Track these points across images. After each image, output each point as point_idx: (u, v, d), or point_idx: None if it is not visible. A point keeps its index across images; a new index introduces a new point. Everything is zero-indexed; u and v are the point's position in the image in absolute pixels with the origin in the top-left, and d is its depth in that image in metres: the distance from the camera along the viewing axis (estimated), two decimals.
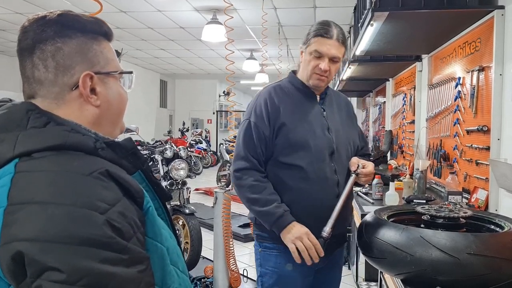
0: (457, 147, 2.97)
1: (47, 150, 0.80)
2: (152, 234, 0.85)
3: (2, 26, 7.19)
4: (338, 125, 1.96)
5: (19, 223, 0.71)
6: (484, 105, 2.53)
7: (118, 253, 0.73)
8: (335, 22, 1.92)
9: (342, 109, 2.04)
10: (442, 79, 3.38)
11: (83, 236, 0.71)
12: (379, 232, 1.46)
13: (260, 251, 1.93)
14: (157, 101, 13.78)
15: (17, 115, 0.84)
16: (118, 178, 0.81)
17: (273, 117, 1.84)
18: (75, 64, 0.88)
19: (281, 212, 1.78)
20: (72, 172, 0.77)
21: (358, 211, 2.86)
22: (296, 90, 1.93)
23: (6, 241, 0.71)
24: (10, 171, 0.77)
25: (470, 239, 1.31)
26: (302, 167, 1.82)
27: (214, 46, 8.49)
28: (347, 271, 4.44)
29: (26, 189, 0.75)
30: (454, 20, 2.65)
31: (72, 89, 0.88)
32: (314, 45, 1.85)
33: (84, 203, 0.73)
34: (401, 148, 5.10)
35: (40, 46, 0.86)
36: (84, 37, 0.90)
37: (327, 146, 1.87)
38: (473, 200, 2.52)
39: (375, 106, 7.45)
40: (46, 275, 0.68)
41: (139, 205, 0.84)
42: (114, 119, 0.97)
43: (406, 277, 1.39)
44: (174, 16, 6.42)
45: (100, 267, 0.70)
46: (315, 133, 1.86)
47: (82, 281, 0.69)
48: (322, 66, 1.84)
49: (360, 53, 3.57)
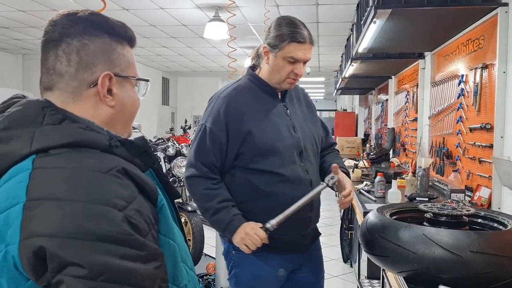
0: (460, 145, 2.97)
1: (63, 147, 0.81)
2: (165, 231, 0.87)
3: (6, 24, 7.20)
4: (302, 121, 1.91)
5: (38, 219, 0.72)
6: (487, 103, 2.52)
7: (136, 250, 0.75)
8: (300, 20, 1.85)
9: (302, 102, 1.99)
10: (445, 76, 3.37)
11: (103, 233, 0.72)
12: (382, 229, 1.46)
13: (234, 253, 1.88)
14: (159, 99, 13.78)
15: (32, 112, 0.85)
16: (134, 176, 0.83)
17: (234, 124, 1.77)
18: (97, 63, 0.90)
19: (230, 218, 1.77)
20: (90, 170, 0.79)
21: (360, 209, 2.86)
22: (257, 89, 1.87)
23: (27, 236, 0.72)
24: (28, 167, 0.79)
25: (473, 237, 1.30)
26: (275, 172, 1.78)
27: (216, 44, 8.48)
28: (349, 269, 4.44)
29: (45, 185, 0.76)
30: (457, 17, 2.64)
31: (90, 86, 0.90)
32: (289, 51, 1.77)
33: (102, 201, 0.75)
34: (403, 146, 5.10)
35: (67, 40, 0.88)
36: (110, 39, 0.92)
37: (295, 146, 1.83)
38: (476, 198, 2.52)
39: (377, 104, 7.44)
40: (67, 270, 0.70)
41: (153, 202, 0.85)
42: (125, 122, 0.99)
43: (408, 274, 1.39)
44: (176, 14, 6.41)
45: (119, 263, 0.72)
46: (282, 135, 1.81)
47: (102, 277, 0.70)
48: (299, 72, 1.81)
49: (363, 51, 3.56)
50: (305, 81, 13.65)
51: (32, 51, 9.53)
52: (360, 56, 4.09)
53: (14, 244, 0.72)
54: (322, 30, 6.96)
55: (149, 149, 0.94)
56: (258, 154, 1.78)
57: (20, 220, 0.73)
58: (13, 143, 0.82)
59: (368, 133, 8.78)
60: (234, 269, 1.90)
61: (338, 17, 6.13)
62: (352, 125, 10.54)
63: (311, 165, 1.89)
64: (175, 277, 0.88)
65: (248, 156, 1.79)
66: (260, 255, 1.82)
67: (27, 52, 9.79)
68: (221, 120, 1.78)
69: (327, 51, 8.69)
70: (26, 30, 7.56)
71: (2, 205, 0.77)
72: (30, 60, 10.13)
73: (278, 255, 1.86)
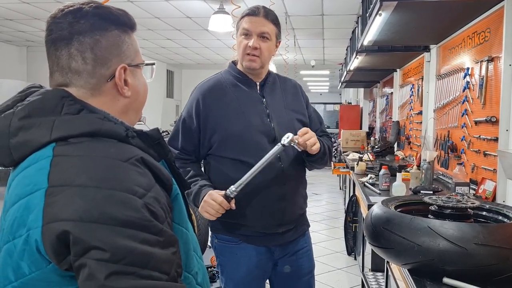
0: (465, 138, 2.96)
1: (83, 136, 0.84)
2: (179, 220, 0.91)
3: (10, 16, 7.20)
4: (280, 110, 1.92)
5: (62, 204, 0.75)
6: (492, 96, 2.52)
7: (155, 235, 0.77)
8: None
9: (288, 93, 2.00)
10: (450, 69, 3.36)
11: (124, 218, 0.75)
12: (386, 222, 1.46)
13: (216, 242, 1.94)
14: (163, 91, 13.78)
15: (52, 101, 0.87)
16: (151, 166, 0.86)
17: (204, 115, 1.86)
18: (112, 57, 0.92)
19: (196, 189, 1.82)
20: (110, 158, 0.82)
21: (365, 201, 2.86)
22: (234, 80, 1.92)
23: (50, 220, 0.74)
24: (48, 154, 0.81)
25: (478, 230, 1.31)
26: (243, 160, 1.81)
27: (220, 36, 8.46)
28: (354, 262, 4.46)
29: (66, 172, 0.79)
30: (463, 10, 2.63)
31: (108, 80, 0.92)
32: (241, 26, 1.87)
33: (123, 188, 0.77)
34: (408, 139, 5.09)
35: (79, 38, 0.89)
36: (117, 30, 0.94)
37: (266, 134, 1.85)
38: (481, 191, 2.52)
39: (382, 97, 7.42)
40: (90, 254, 0.72)
41: (168, 191, 0.88)
42: (138, 109, 1.02)
43: (413, 267, 1.39)
44: (181, 6, 6.40)
45: (140, 247, 0.74)
46: (252, 123, 1.84)
47: (124, 260, 0.72)
48: (251, 43, 1.83)
49: (368, 43, 3.55)
50: (310, 74, 13.62)
51: (37, 43, 9.54)
52: (365, 49, 4.08)
53: (36, 228, 0.75)
54: (327, 23, 6.93)
55: (163, 141, 0.96)
56: (226, 142, 1.84)
57: (43, 205, 0.76)
58: (33, 131, 0.84)
59: (373, 126, 8.77)
60: (218, 257, 1.96)
61: (343, 9, 6.09)
62: (356, 118, 10.52)
63: (286, 154, 1.85)
64: (187, 265, 0.91)
65: (218, 144, 1.86)
66: (239, 246, 1.88)
67: (32, 44, 9.80)
68: (193, 111, 1.88)
69: (332, 44, 8.65)
70: (31, 22, 7.57)
71: (22, 191, 0.79)
72: (35, 52, 10.14)
73: (257, 246, 1.88)
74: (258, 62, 1.87)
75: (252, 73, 1.92)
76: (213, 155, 1.89)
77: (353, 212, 4.40)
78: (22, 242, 0.76)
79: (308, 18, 6.64)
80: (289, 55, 9.06)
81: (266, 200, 1.82)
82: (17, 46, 10.12)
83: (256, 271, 1.91)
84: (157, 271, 0.75)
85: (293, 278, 2.00)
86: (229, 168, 1.84)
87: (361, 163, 4.16)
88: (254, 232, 1.86)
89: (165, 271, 0.77)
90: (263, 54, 1.86)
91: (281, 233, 1.90)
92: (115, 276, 0.72)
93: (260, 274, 1.94)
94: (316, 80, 15.96)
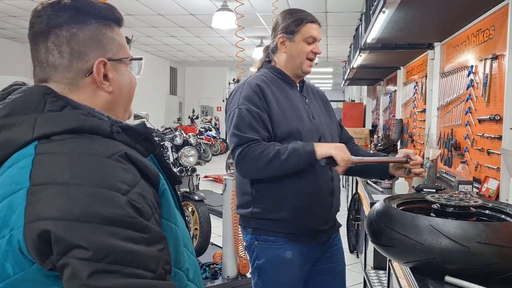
0: (468, 136, 2.95)
1: (65, 133, 0.82)
2: (167, 216, 0.89)
3: (13, 12, 7.22)
4: (319, 113, 1.98)
5: (44, 203, 0.73)
6: (496, 94, 2.50)
7: (139, 232, 0.76)
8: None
9: (317, 97, 2.07)
10: (454, 67, 3.34)
11: (107, 216, 0.73)
12: (389, 220, 1.46)
13: (256, 244, 1.88)
14: (167, 88, 13.79)
15: (34, 98, 0.85)
16: (136, 161, 0.84)
17: (267, 107, 1.80)
18: (90, 51, 0.89)
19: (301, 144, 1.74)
20: (93, 155, 0.80)
21: (367, 199, 2.86)
22: (278, 79, 1.93)
23: (31, 220, 0.73)
24: (30, 153, 0.80)
25: (480, 228, 1.30)
26: None
27: (224, 33, 8.46)
28: (356, 259, 4.45)
29: (48, 170, 0.77)
30: (468, 7, 2.61)
31: (86, 75, 0.90)
32: (307, 32, 1.89)
33: (106, 185, 0.76)
34: (411, 137, 5.08)
35: (56, 31, 0.87)
36: (98, 24, 0.91)
37: (315, 132, 1.88)
38: (484, 190, 2.51)
39: (385, 95, 7.40)
40: (73, 253, 0.71)
41: (155, 187, 0.86)
42: (125, 105, 0.99)
43: (415, 265, 1.39)
44: (185, 3, 6.39)
45: (124, 245, 0.73)
46: (304, 120, 1.86)
47: (107, 259, 0.71)
48: (318, 50, 1.91)
49: (371, 41, 3.54)
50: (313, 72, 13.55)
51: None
52: (369, 46, 4.07)
53: (18, 228, 0.73)
54: (330, 20, 6.92)
55: (150, 135, 0.94)
56: (283, 137, 1.81)
57: (24, 204, 0.74)
58: (15, 129, 0.82)
59: (376, 124, 8.75)
60: (256, 261, 1.90)
61: (347, 7, 6.08)
62: (360, 116, 10.50)
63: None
64: (177, 261, 0.89)
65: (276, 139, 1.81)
66: (282, 245, 1.84)
67: None
68: (257, 100, 1.80)
69: (335, 41, 8.64)
70: None
71: (5, 191, 0.78)
72: None
73: (300, 245, 1.86)
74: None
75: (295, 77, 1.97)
76: None
77: (355, 210, 4.40)
78: (6, 243, 0.75)
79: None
80: None
81: (318, 196, 1.83)
82: (20, 43, 10.15)
83: (298, 272, 1.90)
84: (142, 269, 0.74)
85: (328, 275, 2.00)
86: None
87: None
88: (301, 229, 1.85)
89: (151, 268, 0.76)
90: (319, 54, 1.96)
91: (325, 230, 1.91)
92: (97, 275, 0.70)
93: (301, 275, 1.92)
94: (319, 78, 15.94)
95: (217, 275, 3.67)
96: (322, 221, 1.89)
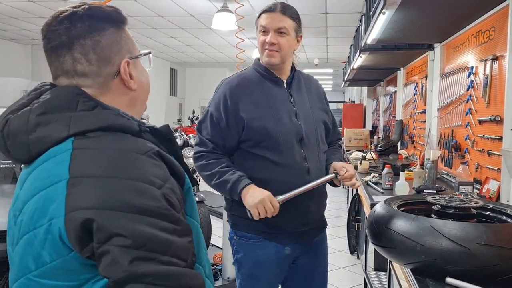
0: (468, 137, 2.95)
1: (99, 130, 0.87)
2: (190, 213, 0.95)
3: (15, 14, 7.22)
4: (307, 109, 1.93)
5: (85, 194, 0.78)
6: (497, 95, 2.50)
7: (173, 224, 0.81)
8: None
9: (312, 91, 2.01)
10: (454, 68, 3.34)
11: (145, 207, 0.79)
12: (389, 221, 1.45)
13: (235, 238, 1.93)
14: (167, 90, 13.79)
15: (67, 98, 0.90)
16: (166, 159, 0.90)
17: (232, 111, 1.83)
18: (114, 54, 0.95)
19: (235, 177, 1.78)
20: (130, 151, 0.86)
21: (367, 200, 2.85)
22: (261, 78, 1.91)
23: (73, 209, 0.78)
24: (68, 147, 0.85)
25: (481, 229, 1.30)
26: (269, 157, 1.82)
27: (224, 35, 8.46)
28: (356, 261, 4.45)
29: (87, 164, 0.82)
30: (468, 8, 2.61)
31: (114, 77, 0.96)
32: (259, 22, 1.89)
33: (142, 179, 0.81)
34: (411, 138, 5.08)
35: (79, 41, 0.92)
36: (113, 27, 0.96)
37: (294, 133, 1.85)
38: (485, 191, 2.50)
39: (385, 96, 7.40)
40: (113, 240, 0.76)
41: (181, 185, 0.92)
42: (144, 99, 1.06)
43: (415, 266, 1.38)
44: (185, 4, 6.40)
45: (160, 235, 0.78)
46: (282, 120, 1.84)
47: (146, 247, 0.76)
48: (268, 40, 1.85)
49: (372, 42, 3.54)
50: (313, 73, 13.59)
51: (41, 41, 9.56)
52: (369, 47, 4.07)
53: (59, 217, 0.78)
54: (330, 21, 6.92)
55: (172, 137, 1.00)
56: (255, 139, 1.83)
57: (65, 195, 0.79)
58: (51, 126, 0.87)
59: (376, 125, 8.75)
60: (236, 254, 1.95)
61: (347, 8, 6.08)
62: (360, 116, 10.50)
63: (312, 154, 1.88)
64: (198, 256, 0.93)
65: (246, 141, 1.84)
66: (258, 242, 1.87)
67: (36, 42, 9.82)
68: (220, 106, 1.86)
69: (335, 42, 8.64)
70: (35, 21, 7.59)
71: (42, 183, 0.82)
72: (39, 51, 9.99)
73: (278, 244, 1.88)
74: (277, 57, 1.87)
75: (275, 68, 1.91)
76: (242, 149, 1.87)
77: (356, 211, 4.39)
78: (44, 231, 0.79)
79: (311, 17, 6.63)
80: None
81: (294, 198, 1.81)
82: (22, 45, 10.15)
83: (274, 269, 1.91)
84: (176, 257, 0.79)
85: (308, 277, 2.00)
86: (255, 164, 1.84)
87: (364, 162, 4.15)
88: (278, 230, 1.85)
89: (183, 258, 0.80)
90: (282, 49, 1.86)
91: (304, 232, 1.90)
92: (137, 262, 0.75)
93: (278, 272, 1.93)
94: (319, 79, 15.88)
95: (217, 276, 3.67)
96: (299, 223, 1.88)
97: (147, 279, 0.75)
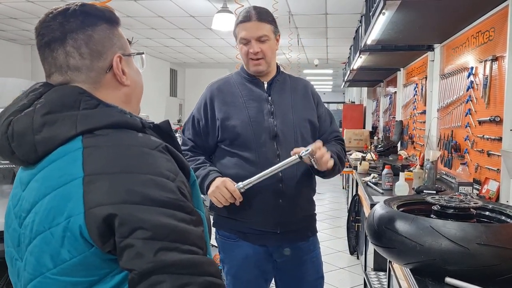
0: (468, 138, 2.95)
1: (106, 128, 0.89)
2: (197, 204, 0.96)
3: (14, 15, 7.22)
4: (287, 109, 1.93)
5: (103, 190, 0.80)
6: (497, 96, 2.51)
7: (189, 214, 0.84)
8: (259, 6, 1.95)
9: (298, 93, 2.00)
10: (454, 69, 3.35)
11: (163, 199, 0.81)
12: (389, 221, 1.46)
13: (218, 238, 1.99)
14: (167, 90, 13.79)
15: (70, 97, 0.91)
16: (173, 153, 0.92)
17: (210, 112, 1.93)
18: (106, 49, 0.96)
19: (205, 172, 1.86)
20: (140, 146, 0.88)
21: (367, 201, 2.86)
22: (244, 81, 1.97)
23: (93, 205, 0.79)
24: (78, 146, 0.86)
25: (480, 230, 1.30)
26: (242, 154, 1.87)
27: (224, 35, 8.45)
28: (356, 261, 4.45)
29: (100, 161, 0.84)
30: (467, 9, 2.61)
31: (106, 72, 0.96)
32: (238, 33, 1.91)
33: (158, 173, 0.84)
34: (411, 139, 5.08)
35: (72, 35, 0.93)
36: (106, 24, 0.98)
37: (267, 131, 1.87)
38: (484, 191, 2.51)
39: (385, 96, 7.40)
40: (136, 233, 0.78)
41: (187, 178, 0.94)
42: (139, 97, 1.07)
43: (415, 266, 1.39)
44: (185, 5, 6.40)
45: (180, 225, 0.81)
46: (255, 120, 1.88)
47: (168, 237, 0.79)
48: (252, 50, 1.87)
49: (371, 42, 3.54)
50: (313, 73, 13.60)
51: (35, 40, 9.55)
52: (369, 48, 4.07)
53: (78, 214, 0.79)
54: (330, 22, 6.92)
55: (172, 133, 1.01)
56: (229, 138, 1.90)
57: (82, 192, 0.80)
58: (58, 126, 0.87)
59: (376, 126, 8.75)
60: (220, 253, 2.00)
61: (346, 8, 6.08)
62: (360, 117, 10.50)
63: (288, 151, 1.83)
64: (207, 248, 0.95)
65: (224, 140, 1.92)
66: (237, 242, 1.91)
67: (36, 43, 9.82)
68: (201, 107, 1.97)
69: (335, 43, 8.64)
70: (35, 21, 7.49)
71: (55, 182, 0.83)
72: None
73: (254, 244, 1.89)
74: (263, 65, 1.92)
75: (261, 75, 1.96)
76: (220, 149, 1.95)
77: (355, 212, 4.40)
78: (62, 229, 0.80)
79: (311, 17, 6.63)
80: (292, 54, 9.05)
81: (262, 197, 1.84)
82: (21, 45, 10.15)
83: (255, 270, 1.92)
84: (195, 246, 0.82)
85: (296, 284, 1.99)
86: (229, 161, 1.90)
87: (364, 163, 4.15)
88: (251, 229, 1.88)
89: (200, 246, 0.83)
90: (266, 55, 1.90)
91: (278, 233, 1.89)
92: (162, 252, 0.77)
93: (259, 274, 1.93)
94: (319, 79, 15.94)
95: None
96: (272, 224, 1.87)
97: (171, 268, 0.77)
